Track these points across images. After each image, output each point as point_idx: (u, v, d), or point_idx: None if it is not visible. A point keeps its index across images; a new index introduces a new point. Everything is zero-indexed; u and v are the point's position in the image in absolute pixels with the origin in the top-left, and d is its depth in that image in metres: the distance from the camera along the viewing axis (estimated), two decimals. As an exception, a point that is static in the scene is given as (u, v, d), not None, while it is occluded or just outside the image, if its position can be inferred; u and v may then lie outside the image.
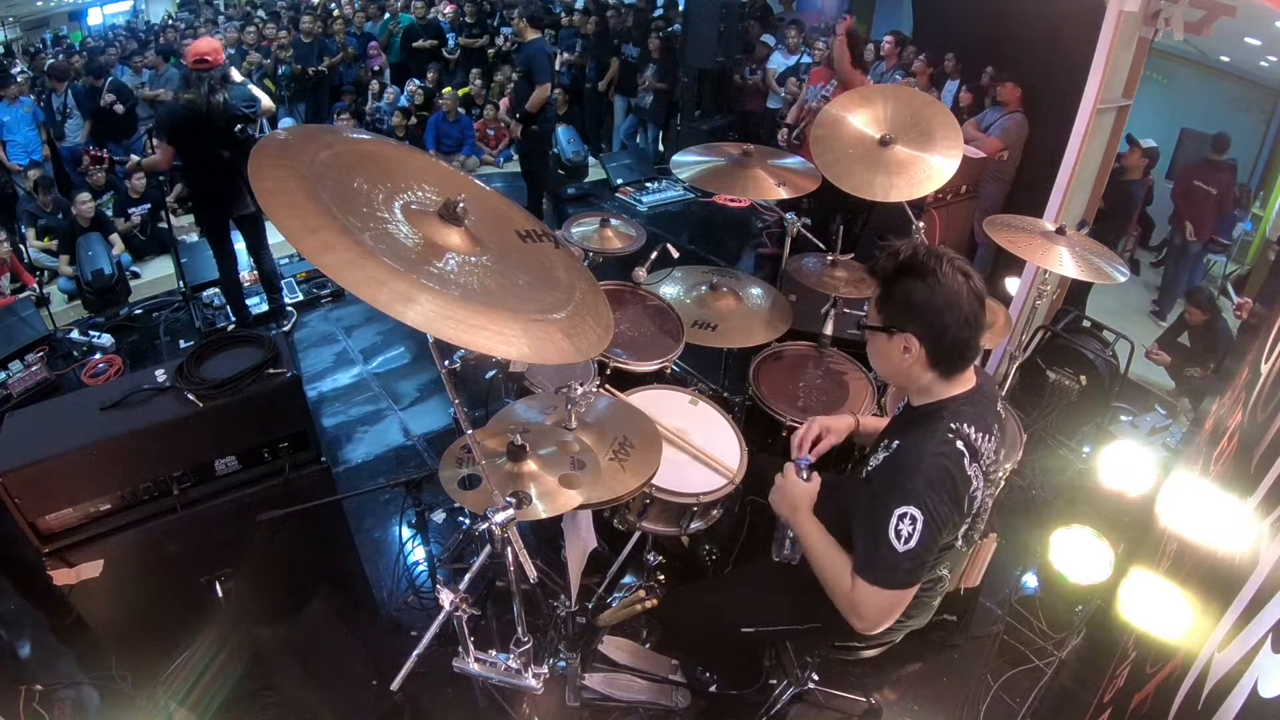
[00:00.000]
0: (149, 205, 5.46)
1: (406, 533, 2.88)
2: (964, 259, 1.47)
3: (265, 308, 4.52)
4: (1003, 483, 2.40)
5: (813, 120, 4.59)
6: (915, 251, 1.44)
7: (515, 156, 5.48)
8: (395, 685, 1.58)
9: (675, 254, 2.50)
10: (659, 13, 7.73)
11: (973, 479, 1.44)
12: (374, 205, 1.21)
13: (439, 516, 3.03)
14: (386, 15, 8.44)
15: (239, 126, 3.67)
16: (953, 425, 1.44)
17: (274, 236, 4.31)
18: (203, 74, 3.59)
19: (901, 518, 1.39)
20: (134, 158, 4.10)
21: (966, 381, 1.51)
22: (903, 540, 1.39)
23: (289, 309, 4.60)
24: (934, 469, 1.41)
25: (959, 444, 1.42)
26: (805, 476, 1.66)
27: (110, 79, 6.76)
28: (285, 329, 4.45)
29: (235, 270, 4.19)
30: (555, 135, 6.76)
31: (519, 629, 1.73)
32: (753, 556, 2.24)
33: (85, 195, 5.14)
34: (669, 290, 2.68)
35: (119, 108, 6.61)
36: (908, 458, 1.45)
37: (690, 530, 2.06)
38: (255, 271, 4.49)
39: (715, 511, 2.09)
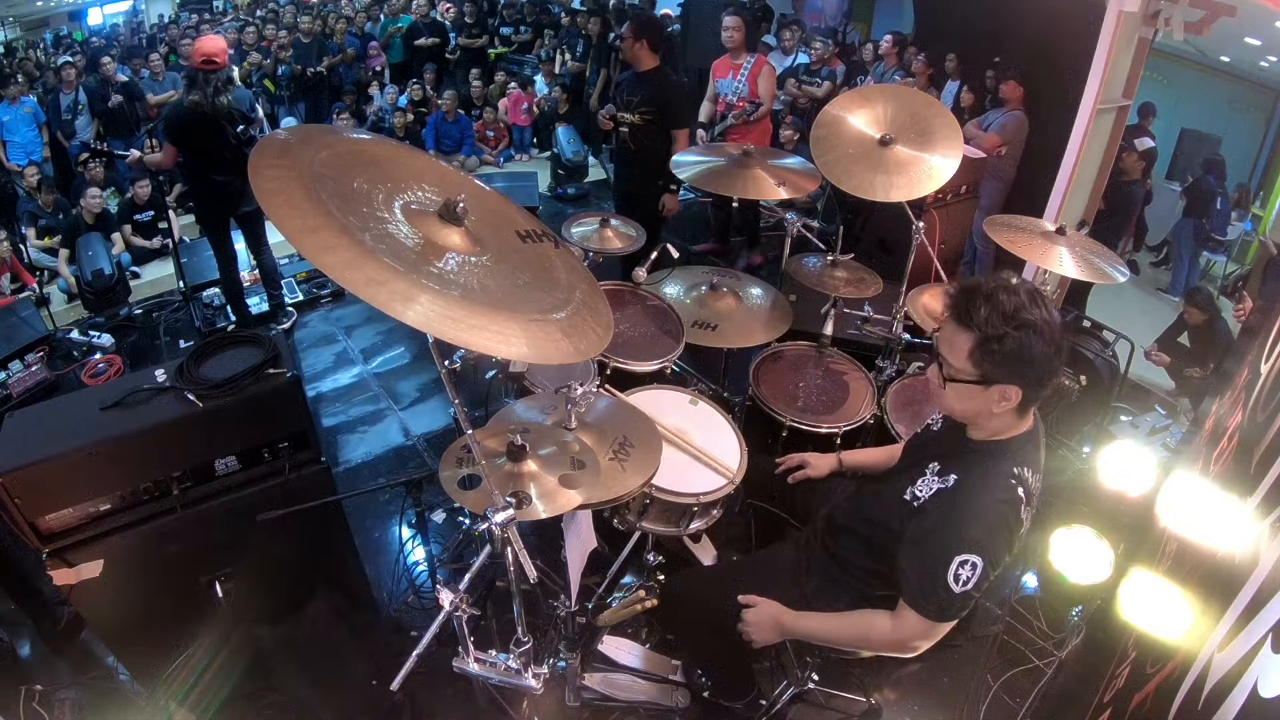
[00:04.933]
0: (153, 212, 5.46)
1: (406, 533, 2.89)
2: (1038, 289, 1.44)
3: (265, 307, 4.52)
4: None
5: (741, 119, 4.47)
6: (1019, 300, 1.36)
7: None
8: (395, 685, 1.58)
9: (675, 254, 2.50)
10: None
11: (1024, 521, 1.47)
12: (374, 205, 1.21)
13: (439, 516, 3.03)
14: (384, 18, 8.44)
15: (241, 127, 3.67)
16: (1014, 470, 1.46)
17: (274, 236, 4.31)
18: (209, 74, 3.58)
19: (963, 564, 1.42)
20: (134, 152, 4.07)
21: (1029, 419, 1.52)
22: (960, 583, 1.43)
23: (289, 308, 4.59)
24: (997, 518, 1.44)
25: (1019, 490, 1.45)
26: None
27: (125, 81, 6.76)
28: (284, 327, 4.45)
29: (235, 270, 4.19)
30: (556, 135, 6.77)
31: (519, 629, 1.73)
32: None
33: (95, 191, 5.15)
34: (669, 290, 2.68)
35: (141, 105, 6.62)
36: (970, 501, 1.47)
37: (690, 530, 2.06)
38: (255, 271, 4.49)
39: (715, 511, 2.09)
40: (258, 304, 4.51)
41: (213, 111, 3.59)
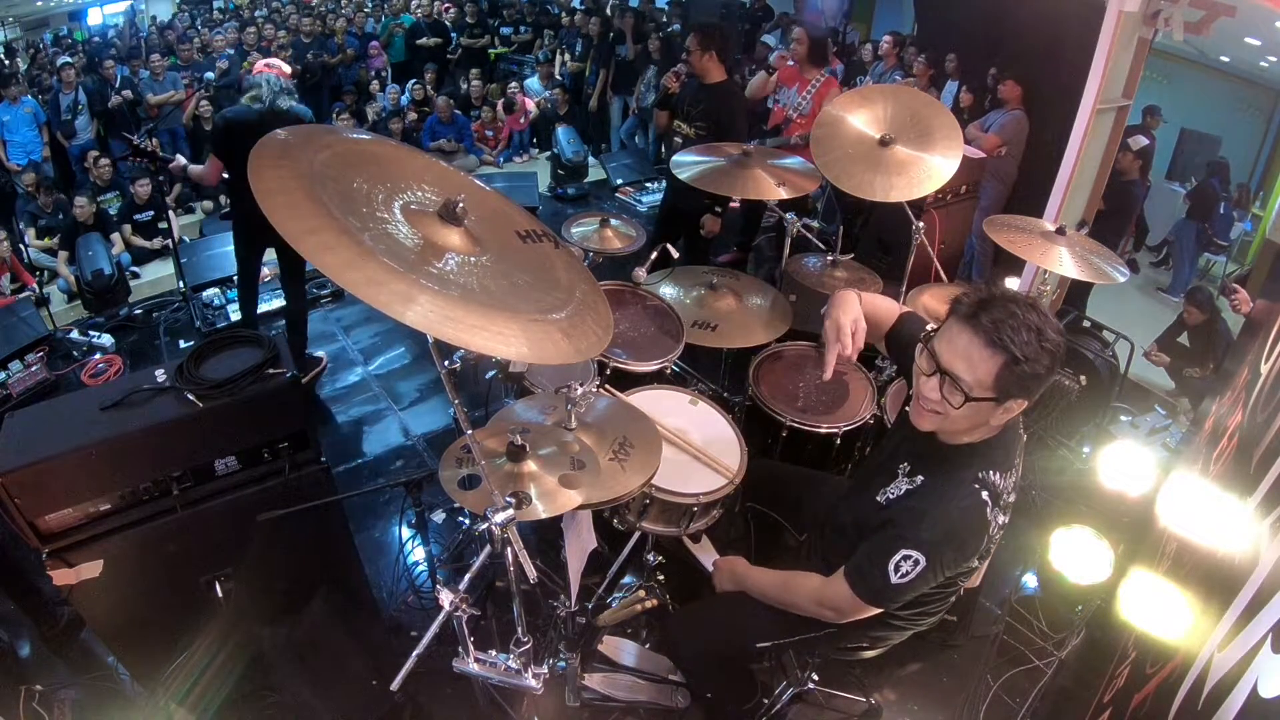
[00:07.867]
0: (153, 212, 5.45)
1: (406, 533, 2.89)
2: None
3: (269, 306, 4.40)
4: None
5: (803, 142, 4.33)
6: (1039, 316, 1.34)
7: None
8: (395, 685, 1.58)
9: (675, 254, 2.50)
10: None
11: (991, 523, 1.47)
12: (374, 205, 1.21)
13: (439, 516, 3.03)
14: (385, 17, 8.45)
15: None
16: (979, 474, 1.46)
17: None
18: (271, 78, 3.25)
19: (905, 558, 1.45)
20: (179, 159, 3.68)
21: (998, 425, 1.49)
22: (898, 574, 1.46)
23: (316, 355, 4.12)
24: (951, 525, 1.45)
25: (983, 494, 1.45)
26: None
27: (121, 79, 6.76)
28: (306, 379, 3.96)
29: (255, 297, 3.86)
30: (556, 135, 6.77)
31: (519, 629, 1.73)
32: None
33: (81, 200, 5.13)
34: (669, 290, 2.68)
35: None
36: (931, 505, 1.48)
37: (690, 530, 2.06)
38: (267, 268, 4.29)
39: (715, 511, 2.09)
40: (265, 302, 4.41)
41: (270, 113, 3.23)
